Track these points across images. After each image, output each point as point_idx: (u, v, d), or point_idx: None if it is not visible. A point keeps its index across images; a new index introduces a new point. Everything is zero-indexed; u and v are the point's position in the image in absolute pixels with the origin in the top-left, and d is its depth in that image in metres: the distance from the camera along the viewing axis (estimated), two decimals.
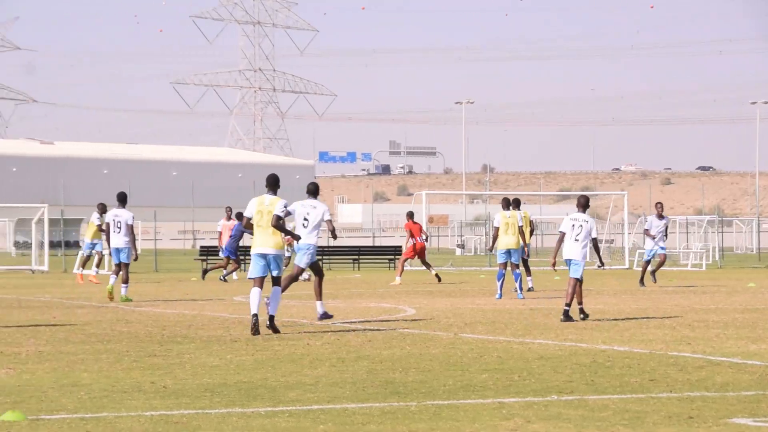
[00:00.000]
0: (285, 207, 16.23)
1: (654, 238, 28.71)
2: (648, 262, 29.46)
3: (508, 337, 15.28)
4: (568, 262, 18.39)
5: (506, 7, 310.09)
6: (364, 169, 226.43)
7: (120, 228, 22.85)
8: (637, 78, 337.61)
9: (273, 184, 16.45)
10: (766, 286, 29.85)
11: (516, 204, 24.78)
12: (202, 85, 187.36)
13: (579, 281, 18.18)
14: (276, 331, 15.78)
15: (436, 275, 31.25)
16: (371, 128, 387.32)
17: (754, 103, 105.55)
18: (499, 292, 23.87)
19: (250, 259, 16.69)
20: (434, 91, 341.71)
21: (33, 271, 41.44)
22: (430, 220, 69.92)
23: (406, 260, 32.24)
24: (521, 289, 23.87)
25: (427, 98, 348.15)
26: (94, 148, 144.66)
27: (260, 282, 16.13)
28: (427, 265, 32.13)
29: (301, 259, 17.72)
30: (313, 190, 18.28)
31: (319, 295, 17.98)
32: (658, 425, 8.66)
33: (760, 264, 50.82)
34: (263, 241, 16.17)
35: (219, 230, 35.69)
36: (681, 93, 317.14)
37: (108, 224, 23.17)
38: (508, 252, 23.91)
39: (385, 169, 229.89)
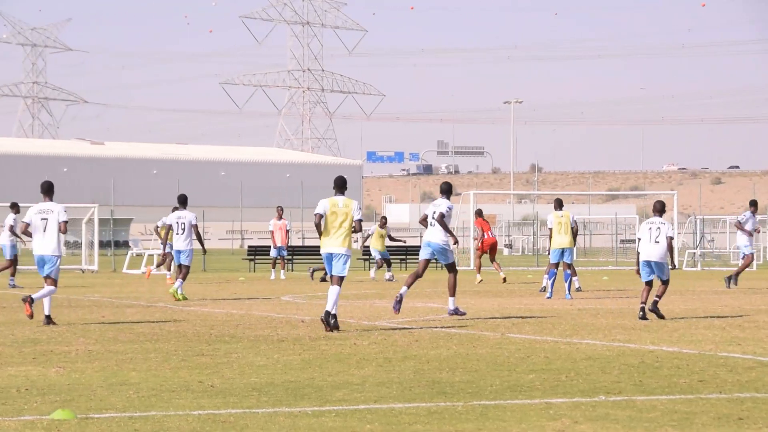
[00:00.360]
0: (359, 209, 16.70)
1: (751, 235, 27.95)
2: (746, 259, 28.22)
3: (555, 337, 15.22)
4: (648, 263, 18.43)
5: (556, 6, 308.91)
6: (404, 170, 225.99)
7: (183, 230, 23.24)
8: (687, 77, 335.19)
9: (341, 185, 16.89)
10: None
11: (558, 204, 24.69)
12: (251, 86, 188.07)
13: (665, 282, 18.49)
14: (335, 329, 16.01)
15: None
16: (419, 128, 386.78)
17: None
18: (549, 291, 23.83)
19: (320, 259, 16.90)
20: (482, 91, 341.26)
21: (83, 271, 41.81)
22: None
23: (480, 255, 31.80)
24: (569, 289, 23.78)
25: (475, 98, 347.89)
26: (143, 148, 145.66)
27: (338, 280, 16.38)
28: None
29: (447, 257, 18.71)
30: (447, 190, 19.15)
31: (453, 292, 18.80)
32: (707, 426, 8.59)
33: None
34: (332, 242, 16.50)
35: (270, 230, 35.88)
36: (731, 92, 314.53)
37: (171, 225, 23.61)
38: (562, 251, 23.94)
39: (427, 169, 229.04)
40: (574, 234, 24.27)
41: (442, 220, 18.53)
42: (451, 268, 18.75)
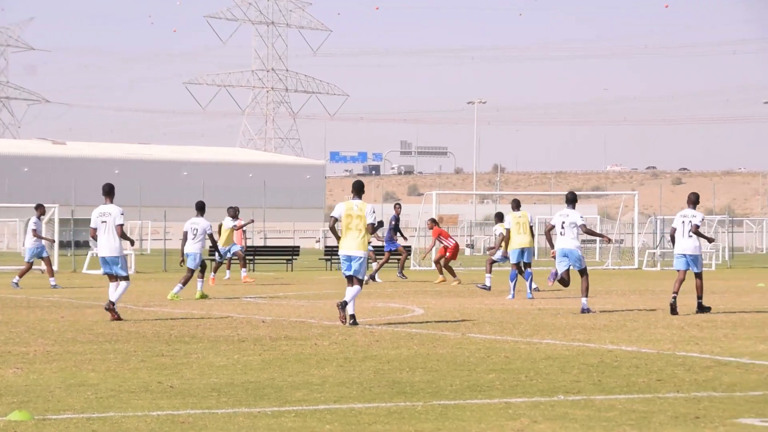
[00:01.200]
0: (374, 212, 17.40)
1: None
2: None
3: (515, 337, 15.27)
4: (683, 256, 19.74)
5: (520, 7, 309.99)
6: (347, 170, 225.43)
7: (195, 235, 23.76)
8: (649, 78, 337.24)
9: (358, 189, 17.65)
10: None
11: (516, 205, 24.82)
12: (215, 86, 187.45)
13: (699, 275, 19.74)
14: (355, 323, 17.02)
15: (456, 283, 30.26)
16: (383, 128, 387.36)
17: (766, 102, 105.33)
18: (511, 292, 23.90)
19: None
20: (446, 91, 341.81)
21: (42, 271, 41.49)
22: (440, 220, 69.84)
23: (448, 261, 31.76)
24: (531, 288, 23.87)
25: (438, 98, 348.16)
26: (105, 148, 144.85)
27: (350, 280, 17.20)
28: (451, 271, 31.59)
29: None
30: (572, 199, 20.60)
31: (585, 292, 19.96)
32: (664, 425, 8.64)
33: None
34: (348, 244, 17.28)
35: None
36: (693, 93, 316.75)
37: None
38: (522, 251, 24.08)
39: (375, 170, 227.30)
40: (532, 234, 24.39)
41: (587, 229, 20.30)
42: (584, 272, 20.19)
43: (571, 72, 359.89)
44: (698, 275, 19.75)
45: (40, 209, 30.12)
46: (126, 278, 18.43)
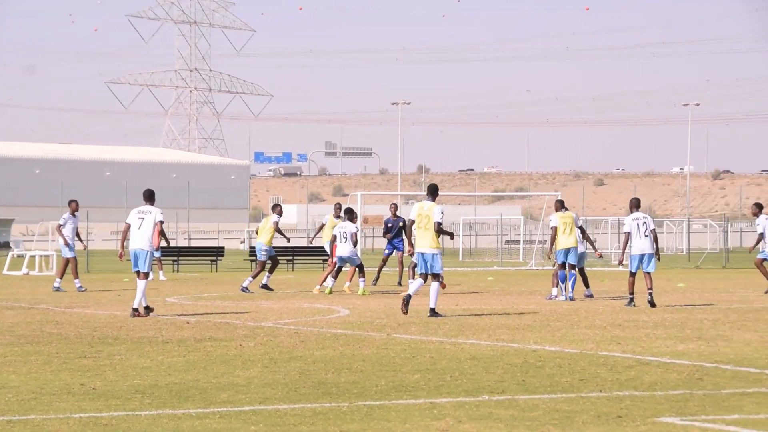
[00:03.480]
0: (442, 213, 18.74)
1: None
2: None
3: (440, 337, 15.33)
4: (641, 257, 21.18)
5: (443, 8, 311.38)
6: (270, 170, 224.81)
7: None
8: (571, 80, 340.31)
9: (432, 192, 19.15)
10: (695, 286, 30.21)
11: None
12: (137, 85, 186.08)
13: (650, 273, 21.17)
14: (436, 315, 18.68)
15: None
16: (307, 129, 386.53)
17: (686, 105, 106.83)
18: (569, 292, 23.45)
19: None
20: (371, 92, 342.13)
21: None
22: (365, 220, 70.01)
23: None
24: (572, 289, 23.53)
25: (363, 99, 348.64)
26: (26, 147, 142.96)
27: (424, 277, 19.02)
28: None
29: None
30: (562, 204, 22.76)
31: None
32: (587, 424, 8.74)
33: (689, 264, 51.41)
34: (421, 243, 18.88)
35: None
36: (615, 95, 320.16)
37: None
38: (567, 251, 23.53)
39: (293, 171, 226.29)
40: (584, 234, 24.04)
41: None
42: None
43: (494, 73, 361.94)
44: (648, 274, 21.25)
45: (72, 204, 28.86)
46: (146, 275, 19.12)
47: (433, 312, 18.86)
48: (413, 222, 19.08)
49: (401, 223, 29.57)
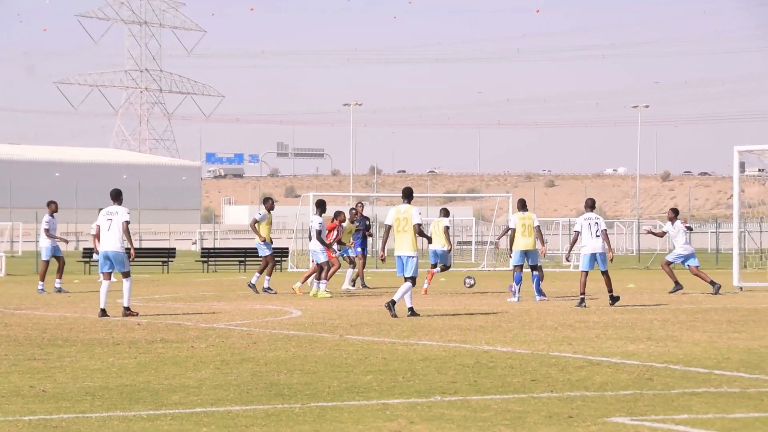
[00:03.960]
0: (420, 214, 18.97)
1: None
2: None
3: (393, 338, 15.35)
4: (593, 256, 21.52)
5: (394, 9, 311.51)
6: (210, 171, 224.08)
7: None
8: (522, 81, 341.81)
9: (408, 195, 19.26)
10: (645, 287, 30.44)
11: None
12: (87, 86, 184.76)
13: (606, 272, 21.57)
14: (415, 314, 18.93)
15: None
16: (259, 130, 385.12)
17: (635, 106, 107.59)
18: (516, 294, 23.61)
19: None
20: (322, 93, 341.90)
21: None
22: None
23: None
24: (538, 291, 23.68)
25: (315, 100, 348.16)
26: None
27: (410, 279, 18.89)
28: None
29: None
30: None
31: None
32: (538, 425, 8.78)
33: (639, 265, 51.79)
34: (399, 246, 19.02)
35: (93, 233, 34.92)
36: (565, 96, 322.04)
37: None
38: (525, 253, 23.60)
39: (237, 172, 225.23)
40: (541, 236, 24.15)
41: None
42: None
43: (446, 74, 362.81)
44: (605, 272, 21.70)
45: (51, 205, 28.67)
46: (127, 274, 19.27)
47: (412, 311, 19.11)
48: (390, 227, 19.14)
49: (367, 222, 29.79)
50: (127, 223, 19.44)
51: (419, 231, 18.94)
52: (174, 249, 47.17)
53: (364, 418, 9.07)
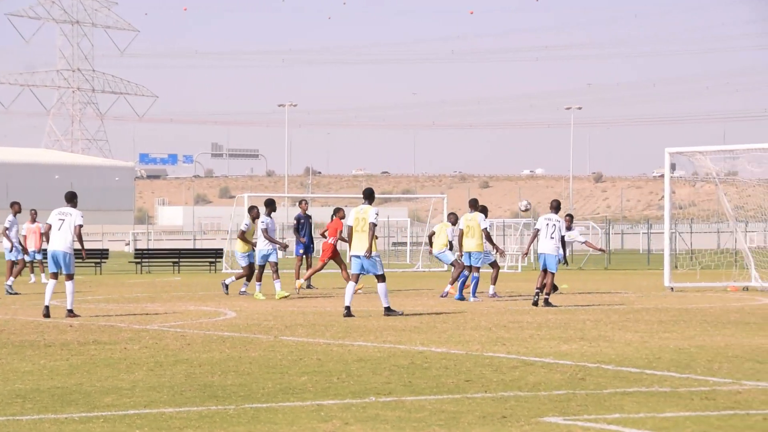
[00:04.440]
0: (377, 214, 19.19)
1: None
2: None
3: (327, 339, 15.34)
4: (542, 256, 21.93)
5: (329, 10, 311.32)
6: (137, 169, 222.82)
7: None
8: (457, 83, 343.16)
9: (368, 196, 19.50)
10: (578, 287, 30.70)
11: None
12: (18, 85, 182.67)
13: (552, 274, 21.93)
14: (392, 313, 19.21)
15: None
16: (193, 130, 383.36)
17: (568, 108, 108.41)
18: (473, 295, 23.71)
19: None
20: (257, 94, 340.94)
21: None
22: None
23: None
24: (474, 292, 23.71)
25: (249, 101, 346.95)
26: None
27: (356, 278, 19.23)
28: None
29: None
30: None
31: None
32: (472, 425, 8.82)
33: (572, 266, 52.19)
34: (356, 246, 19.17)
35: (24, 234, 34.67)
36: (499, 98, 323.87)
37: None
38: (468, 254, 23.67)
39: (158, 173, 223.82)
40: (489, 237, 24.15)
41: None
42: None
43: (381, 75, 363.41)
44: (552, 274, 21.99)
45: (15, 206, 28.28)
46: (71, 277, 19.36)
47: (388, 310, 19.34)
48: (351, 228, 19.25)
49: (311, 221, 29.88)
50: (80, 226, 19.53)
51: (371, 229, 19.00)
52: (107, 250, 46.79)
53: (299, 419, 9.06)
